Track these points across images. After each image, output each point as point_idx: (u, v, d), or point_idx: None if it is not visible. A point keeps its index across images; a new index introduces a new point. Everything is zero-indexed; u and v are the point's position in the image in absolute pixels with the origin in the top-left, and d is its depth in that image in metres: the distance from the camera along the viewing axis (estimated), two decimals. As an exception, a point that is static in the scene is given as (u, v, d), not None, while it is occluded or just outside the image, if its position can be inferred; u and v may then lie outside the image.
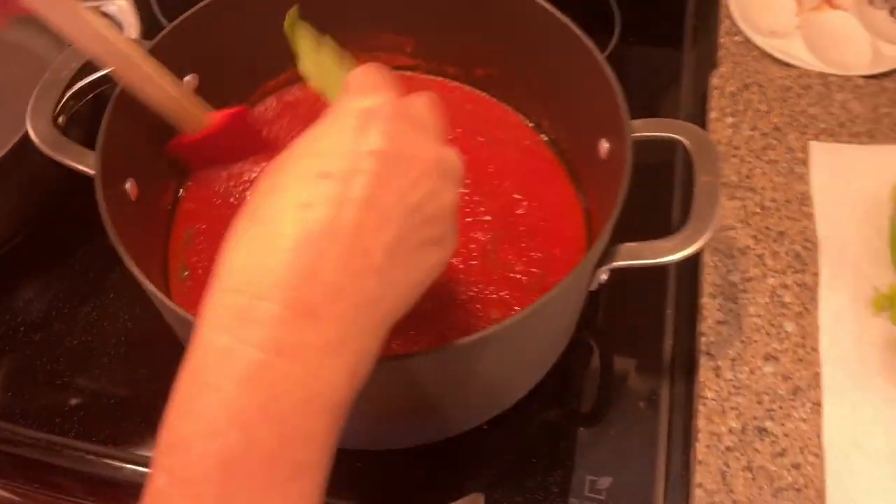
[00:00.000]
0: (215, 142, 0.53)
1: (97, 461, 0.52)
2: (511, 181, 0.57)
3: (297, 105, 0.61)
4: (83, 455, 0.53)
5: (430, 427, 0.49)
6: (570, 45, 0.51)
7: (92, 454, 0.52)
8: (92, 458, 0.52)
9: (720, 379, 0.52)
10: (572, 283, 0.40)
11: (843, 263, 0.56)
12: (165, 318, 0.45)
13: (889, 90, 0.67)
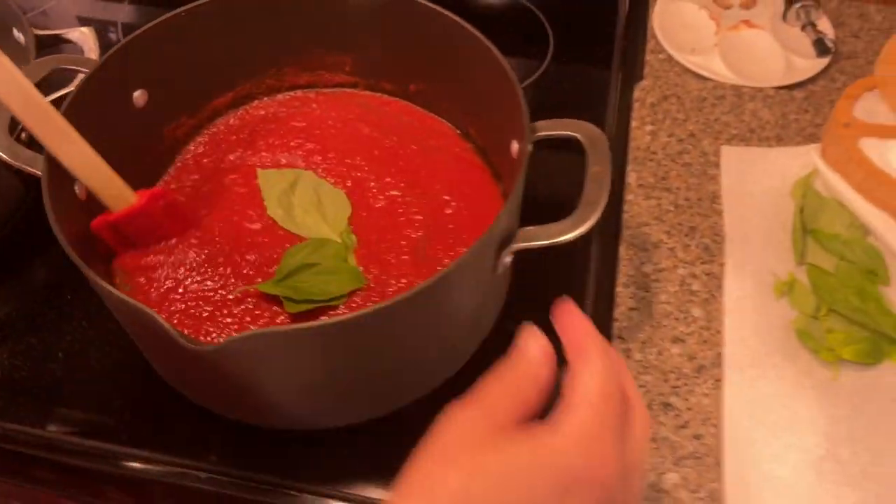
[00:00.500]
0: (139, 221, 0.54)
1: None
2: (441, 184, 0.62)
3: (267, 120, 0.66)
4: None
5: (360, 405, 0.53)
6: (487, 62, 0.56)
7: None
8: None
9: (630, 360, 0.57)
10: (468, 260, 0.44)
11: (748, 254, 0.61)
12: (108, 305, 0.49)
13: (797, 99, 0.73)
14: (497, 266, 0.49)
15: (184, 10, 0.58)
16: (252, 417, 0.53)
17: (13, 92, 0.46)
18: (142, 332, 0.49)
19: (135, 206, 0.53)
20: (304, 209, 0.59)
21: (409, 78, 0.66)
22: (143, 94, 0.58)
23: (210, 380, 0.49)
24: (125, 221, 0.53)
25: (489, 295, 0.54)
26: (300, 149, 0.64)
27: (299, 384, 0.48)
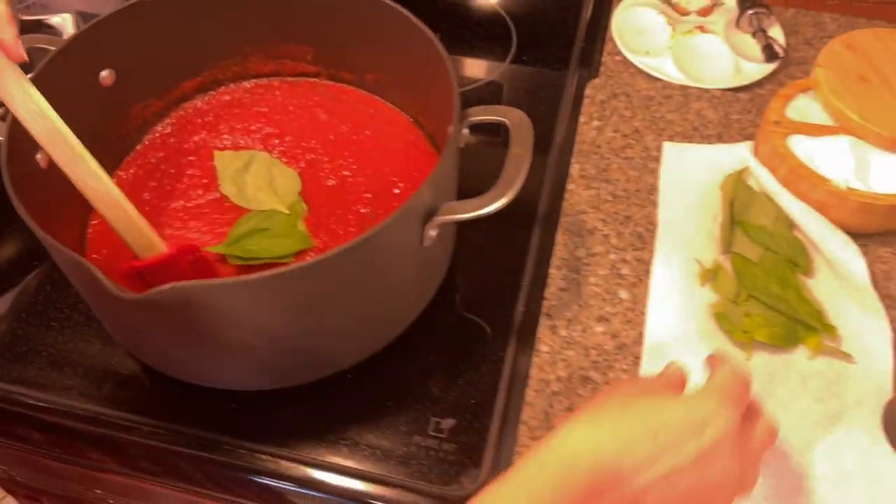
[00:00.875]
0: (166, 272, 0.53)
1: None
2: (391, 167, 0.66)
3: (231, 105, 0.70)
4: None
5: (297, 368, 0.56)
6: (430, 53, 0.60)
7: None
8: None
9: (555, 336, 0.60)
10: (388, 227, 0.48)
11: (678, 243, 0.64)
12: (57, 262, 0.52)
13: (742, 100, 0.76)
14: (423, 238, 0.53)
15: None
16: (193, 376, 0.57)
17: (43, 132, 0.49)
18: (84, 286, 0.52)
19: (163, 256, 0.54)
20: (257, 186, 0.62)
21: (366, 68, 0.70)
22: (110, 74, 0.62)
23: (149, 335, 0.53)
24: (151, 270, 0.53)
25: (422, 266, 0.57)
26: (259, 132, 0.68)
27: (234, 342, 0.51)
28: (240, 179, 0.63)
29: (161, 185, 0.64)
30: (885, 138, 0.62)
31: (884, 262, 0.63)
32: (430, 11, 0.89)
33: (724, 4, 0.86)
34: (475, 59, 0.84)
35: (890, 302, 0.61)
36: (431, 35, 0.60)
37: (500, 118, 0.56)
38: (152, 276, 0.53)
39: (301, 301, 0.49)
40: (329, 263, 0.46)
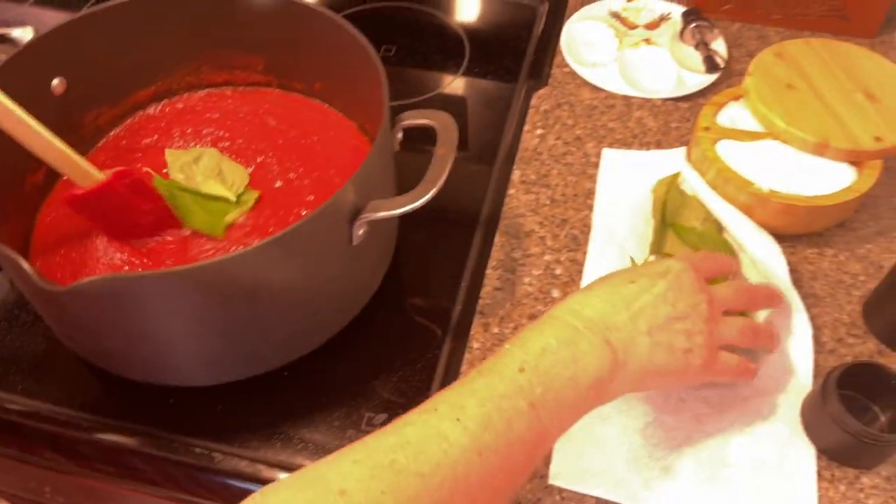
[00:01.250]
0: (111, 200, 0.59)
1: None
2: (336, 170, 0.68)
3: (184, 112, 0.73)
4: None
5: (232, 364, 0.58)
6: (367, 63, 0.62)
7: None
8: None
9: (487, 333, 0.61)
10: (308, 225, 0.50)
11: (611, 244, 0.66)
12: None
13: (682, 109, 0.78)
14: (352, 236, 0.55)
15: (101, 7, 0.65)
16: (130, 371, 0.58)
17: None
18: (19, 280, 0.54)
19: (101, 183, 0.58)
20: (205, 175, 0.64)
21: (314, 78, 0.72)
22: (61, 83, 0.65)
23: (84, 329, 0.55)
24: (95, 197, 0.58)
25: (355, 265, 0.59)
26: (211, 136, 0.70)
27: (164, 335, 0.53)
28: (188, 169, 0.65)
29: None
30: (808, 143, 0.64)
31: (810, 263, 0.65)
32: (388, 27, 0.93)
33: (671, 18, 0.89)
34: (429, 71, 0.87)
35: (814, 300, 0.63)
36: (368, 45, 0.62)
37: (429, 121, 0.58)
38: (98, 203, 0.58)
39: (227, 294, 0.51)
40: (252, 256, 0.48)
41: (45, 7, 0.94)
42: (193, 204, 0.60)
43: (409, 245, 0.69)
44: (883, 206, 0.69)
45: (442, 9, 0.93)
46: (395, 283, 0.66)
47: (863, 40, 0.86)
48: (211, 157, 0.66)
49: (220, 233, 0.60)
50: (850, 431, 0.52)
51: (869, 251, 0.66)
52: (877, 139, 0.63)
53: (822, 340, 0.60)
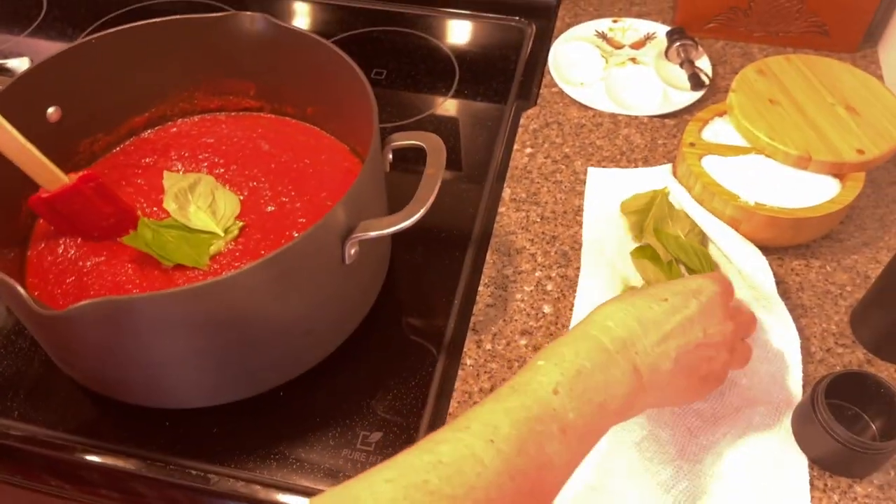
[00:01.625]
0: (76, 203, 0.61)
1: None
2: (328, 192, 0.68)
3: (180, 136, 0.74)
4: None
5: (228, 385, 0.58)
6: (358, 87, 0.63)
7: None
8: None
9: (480, 349, 0.62)
10: (300, 246, 0.50)
11: (600, 260, 0.66)
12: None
13: (668, 126, 0.79)
14: (345, 256, 0.56)
15: (95, 37, 0.66)
16: (126, 395, 0.59)
17: None
18: (14, 306, 0.54)
19: (67, 187, 0.60)
20: (198, 206, 0.65)
21: (306, 102, 0.73)
22: (56, 111, 0.66)
23: (79, 353, 0.55)
24: (60, 200, 0.60)
25: (349, 284, 0.60)
26: (206, 161, 0.71)
27: (158, 357, 0.54)
28: (183, 198, 0.66)
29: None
30: (791, 156, 0.65)
31: (797, 274, 0.66)
32: (379, 50, 0.95)
33: (656, 37, 0.90)
34: (420, 93, 0.88)
35: (802, 311, 0.64)
36: (357, 69, 0.63)
37: (419, 143, 0.59)
38: (63, 206, 0.61)
39: (221, 316, 0.51)
40: (245, 278, 0.49)
41: (40, 38, 0.96)
42: (176, 240, 0.61)
43: (403, 264, 0.70)
44: (867, 217, 0.71)
45: (431, 32, 0.95)
46: (388, 301, 0.67)
47: (844, 55, 0.88)
48: (206, 185, 0.67)
49: (204, 264, 0.61)
50: (840, 441, 0.52)
51: (855, 262, 0.67)
52: (859, 151, 0.64)
53: (811, 350, 0.61)
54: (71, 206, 0.61)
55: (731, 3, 0.87)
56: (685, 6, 0.89)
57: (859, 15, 0.85)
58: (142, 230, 0.61)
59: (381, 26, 0.96)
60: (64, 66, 0.65)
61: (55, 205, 0.61)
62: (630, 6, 0.96)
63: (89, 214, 0.62)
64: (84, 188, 0.61)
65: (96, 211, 0.63)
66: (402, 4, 0.98)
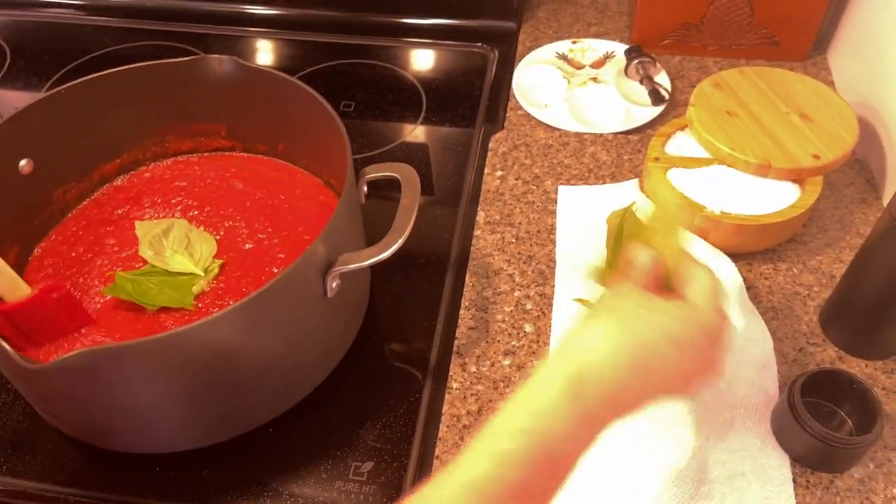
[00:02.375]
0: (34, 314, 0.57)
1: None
2: (304, 227, 0.69)
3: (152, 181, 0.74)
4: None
5: (216, 426, 0.59)
6: (328, 122, 0.64)
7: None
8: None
9: (465, 372, 0.63)
10: (280, 282, 0.51)
11: (575, 276, 0.68)
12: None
13: (633, 141, 0.82)
14: (326, 290, 0.56)
15: (63, 88, 0.66)
16: (113, 443, 0.59)
17: None
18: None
19: (28, 298, 0.57)
20: (174, 249, 0.66)
21: (277, 139, 0.74)
22: (28, 163, 0.66)
23: (65, 405, 0.55)
24: (20, 312, 0.57)
25: (332, 317, 0.61)
26: (180, 205, 0.72)
27: (145, 404, 0.54)
28: (158, 244, 0.66)
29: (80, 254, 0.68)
30: (751, 165, 0.67)
31: (766, 278, 0.68)
32: (345, 83, 0.96)
33: (615, 56, 0.93)
34: (389, 122, 0.90)
35: (773, 314, 0.66)
36: (326, 104, 0.64)
37: (392, 174, 0.61)
38: (22, 319, 0.57)
39: (207, 358, 0.52)
40: (228, 319, 0.50)
41: (5, 88, 0.96)
42: (158, 285, 0.61)
43: (383, 292, 0.71)
44: (828, 219, 0.73)
45: (396, 62, 0.97)
46: (371, 330, 0.67)
47: (795, 64, 0.91)
48: (180, 228, 0.67)
49: (189, 304, 0.61)
50: (818, 437, 0.54)
51: (820, 262, 0.70)
52: (815, 157, 0.67)
53: (784, 351, 0.63)
54: (29, 318, 0.57)
55: (684, 20, 0.91)
56: (641, 24, 0.92)
57: (807, 25, 0.89)
58: (121, 283, 0.61)
59: (347, 59, 0.97)
60: (34, 118, 0.65)
61: (13, 316, 0.57)
62: (588, 27, 0.99)
63: (46, 324, 0.59)
64: (47, 299, 0.58)
65: (54, 322, 0.59)
66: (366, 37, 1.00)
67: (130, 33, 1.02)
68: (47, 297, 0.58)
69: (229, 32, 1.02)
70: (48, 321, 0.58)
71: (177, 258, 0.65)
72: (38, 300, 0.57)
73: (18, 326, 0.57)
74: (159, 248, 0.65)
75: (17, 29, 1.05)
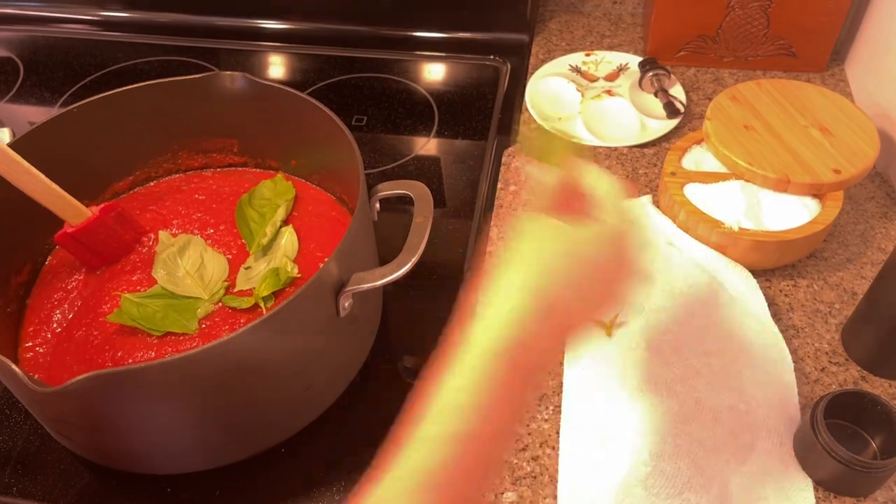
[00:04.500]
0: (98, 232, 0.65)
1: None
2: (316, 244, 0.69)
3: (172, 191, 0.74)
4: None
5: (228, 446, 0.58)
6: (340, 139, 0.63)
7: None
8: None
9: (479, 392, 0.62)
10: (293, 303, 0.51)
11: (592, 293, 0.67)
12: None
13: (648, 155, 0.81)
14: (339, 309, 0.56)
15: (76, 106, 0.66)
16: (125, 464, 0.58)
17: None
18: (10, 384, 0.54)
19: (91, 219, 0.64)
20: (187, 271, 0.65)
21: (289, 155, 0.74)
22: (41, 181, 0.66)
23: (77, 426, 0.55)
24: (84, 233, 0.64)
25: (345, 336, 0.60)
26: (199, 221, 0.71)
27: (156, 425, 0.53)
28: (172, 263, 0.66)
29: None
30: (770, 180, 0.66)
31: (786, 295, 0.67)
32: (357, 97, 0.96)
33: (630, 68, 0.92)
34: (402, 136, 0.89)
35: (794, 332, 0.64)
36: (338, 120, 0.64)
37: (405, 191, 0.60)
38: (87, 238, 0.64)
39: (219, 380, 0.51)
40: (241, 340, 0.49)
41: (18, 104, 0.96)
42: (163, 309, 0.61)
43: (396, 308, 0.70)
44: (850, 234, 0.72)
45: (408, 75, 0.96)
46: (384, 347, 0.67)
47: (813, 75, 0.90)
48: (196, 247, 0.67)
49: (193, 329, 0.60)
50: (841, 461, 0.52)
51: (841, 279, 0.68)
52: (835, 171, 0.66)
53: (806, 371, 0.62)
54: (94, 237, 0.65)
55: (699, 31, 0.90)
56: (655, 36, 0.91)
57: (825, 35, 0.87)
58: (126, 307, 0.61)
59: (359, 73, 0.97)
60: (48, 136, 0.65)
61: (80, 238, 0.64)
62: (601, 39, 0.98)
63: (111, 242, 0.66)
64: (106, 218, 0.65)
65: (117, 238, 0.67)
66: (378, 50, 1.00)
67: (143, 49, 1.03)
68: (107, 217, 0.65)
69: (241, 47, 1.02)
70: (112, 238, 0.66)
71: (186, 282, 0.64)
72: (100, 220, 0.64)
73: (87, 246, 0.65)
74: (173, 267, 0.65)
75: (31, 44, 1.05)
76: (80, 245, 0.65)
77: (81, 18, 1.07)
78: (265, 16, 1.03)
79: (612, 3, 1.02)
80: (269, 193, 0.72)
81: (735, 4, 0.86)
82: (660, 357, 0.62)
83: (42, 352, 0.62)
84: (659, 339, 0.63)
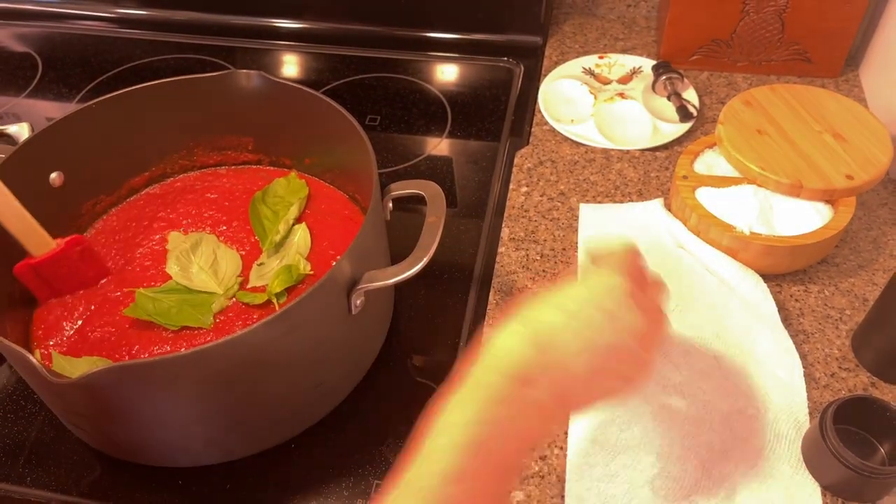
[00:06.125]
0: (59, 266, 0.62)
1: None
2: (329, 242, 0.69)
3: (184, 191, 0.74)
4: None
5: (240, 441, 0.59)
6: (353, 136, 0.64)
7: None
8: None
9: (488, 392, 0.62)
10: (306, 300, 0.51)
11: (602, 295, 0.67)
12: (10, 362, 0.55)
13: (660, 158, 0.81)
14: (350, 307, 0.56)
15: (94, 102, 0.67)
16: (138, 456, 0.59)
17: None
18: (27, 375, 0.55)
19: (55, 251, 0.62)
20: (200, 267, 0.66)
21: (303, 154, 0.75)
22: (59, 176, 0.67)
23: (92, 418, 0.55)
24: (47, 265, 0.62)
25: (356, 333, 0.60)
26: (210, 219, 0.72)
27: (170, 418, 0.54)
28: (185, 259, 0.66)
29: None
30: (783, 185, 0.66)
31: (797, 300, 0.67)
32: (371, 97, 0.96)
33: (643, 72, 0.92)
34: (415, 136, 0.90)
35: (804, 337, 0.64)
36: (353, 120, 0.65)
37: (418, 191, 0.60)
38: (49, 271, 0.62)
39: (232, 375, 0.52)
40: (254, 335, 0.50)
41: (37, 99, 0.97)
42: (178, 304, 0.62)
43: (407, 307, 0.70)
44: (862, 240, 0.72)
45: (422, 76, 0.97)
46: (395, 346, 0.67)
47: (827, 80, 0.90)
48: (208, 244, 0.67)
49: (208, 324, 0.61)
50: (850, 466, 0.52)
51: (852, 285, 0.68)
52: (848, 177, 0.66)
53: (816, 376, 0.62)
54: (56, 270, 0.62)
55: (713, 35, 0.90)
56: (669, 40, 0.91)
57: (839, 41, 0.87)
58: (141, 301, 0.62)
59: (373, 73, 0.98)
60: (65, 131, 0.66)
61: (41, 270, 0.62)
62: (615, 42, 0.98)
63: (71, 277, 0.64)
64: (71, 252, 0.63)
65: (80, 274, 0.64)
66: (392, 51, 1.00)
67: (160, 46, 1.04)
68: (72, 251, 0.63)
69: (257, 46, 1.03)
70: (72, 273, 0.63)
71: (201, 276, 0.65)
72: (65, 253, 0.62)
73: (45, 278, 0.62)
74: (186, 263, 0.66)
75: (49, 40, 1.07)
76: (39, 278, 0.62)
77: (99, 16, 1.08)
78: (280, 15, 1.04)
79: (627, 7, 1.02)
80: (283, 191, 0.72)
81: (750, 9, 0.86)
82: (669, 360, 0.62)
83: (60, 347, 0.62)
84: (668, 342, 0.63)
